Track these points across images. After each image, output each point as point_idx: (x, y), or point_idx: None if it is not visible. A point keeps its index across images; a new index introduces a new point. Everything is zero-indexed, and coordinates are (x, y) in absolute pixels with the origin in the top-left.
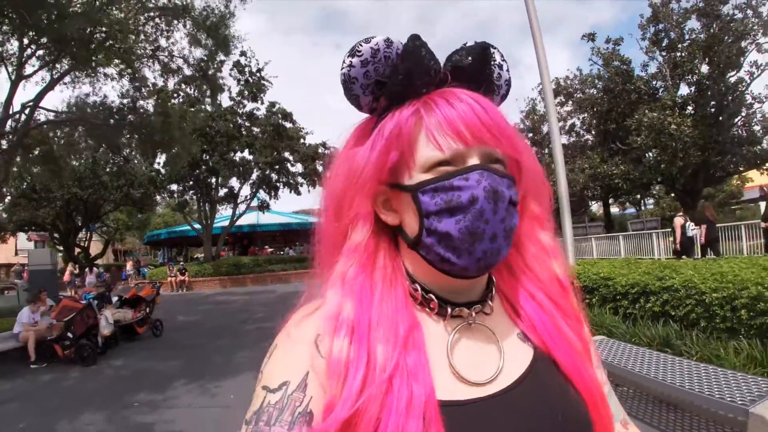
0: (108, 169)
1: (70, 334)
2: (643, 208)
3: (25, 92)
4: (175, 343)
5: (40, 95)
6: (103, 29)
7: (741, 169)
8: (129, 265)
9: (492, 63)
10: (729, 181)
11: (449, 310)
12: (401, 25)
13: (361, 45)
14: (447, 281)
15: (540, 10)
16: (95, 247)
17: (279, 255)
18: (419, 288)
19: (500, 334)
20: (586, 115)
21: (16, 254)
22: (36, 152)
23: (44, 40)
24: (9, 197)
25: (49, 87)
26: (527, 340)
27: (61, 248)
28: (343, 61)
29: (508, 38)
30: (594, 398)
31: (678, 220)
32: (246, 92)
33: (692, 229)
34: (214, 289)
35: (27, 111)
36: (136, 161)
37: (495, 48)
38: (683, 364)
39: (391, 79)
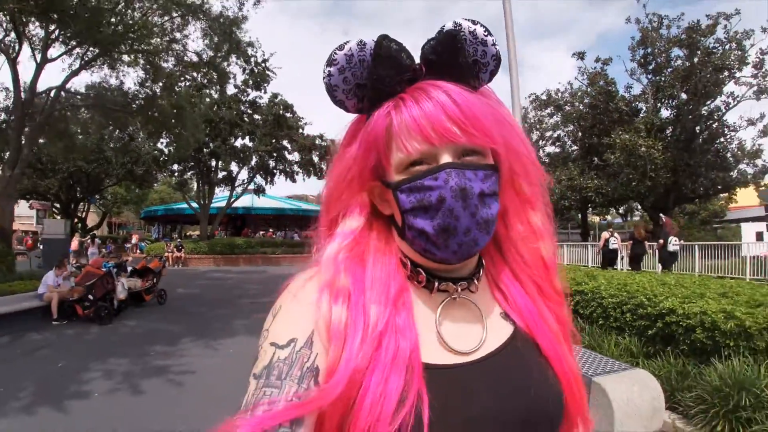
0: (113, 146)
1: (90, 296)
2: (629, 218)
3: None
4: (179, 309)
5: (66, 80)
6: (130, 30)
7: (710, 193)
8: (135, 238)
9: (468, 44)
10: (712, 200)
11: (436, 283)
12: (412, 16)
13: (335, 53)
14: (435, 263)
15: (550, 11)
16: (91, 219)
17: (271, 238)
18: (409, 263)
19: (484, 310)
20: (572, 127)
21: (14, 221)
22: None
23: (69, 31)
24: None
25: (74, 73)
26: (508, 318)
27: (59, 217)
28: (323, 71)
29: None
30: (569, 381)
31: (604, 234)
32: (251, 81)
33: (614, 244)
34: (208, 267)
35: (52, 93)
36: (139, 139)
37: (477, 23)
38: None
39: (368, 83)
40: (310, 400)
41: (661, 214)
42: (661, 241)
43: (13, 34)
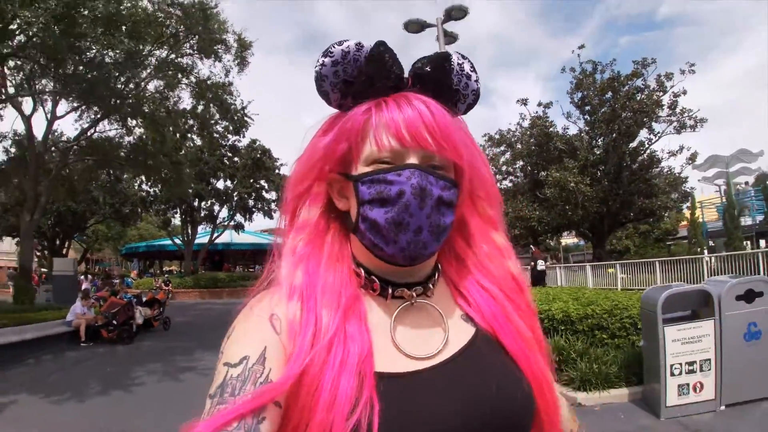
0: (101, 185)
1: (114, 322)
2: (585, 242)
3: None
4: (182, 332)
5: (77, 138)
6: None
7: (639, 218)
8: (133, 274)
9: (455, 73)
10: (661, 220)
11: (390, 290)
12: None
13: (333, 46)
14: (387, 266)
15: (518, 43)
16: (71, 255)
17: (251, 272)
18: (363, 271)
19: (444, 314)
20: (521, 163)
21: None
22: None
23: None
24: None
25: (84, 132)
26: (470, 321)
27: (40, 254)
28: (317, 60)
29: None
30: (540, 384)
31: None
32: (231, 127)
33: (541, 266)
34: (194, 300)
35: (59, 146)
36: (125, 181)
37: (465, 58)
38: None
39: (356, 80)
40: (262, 391)
41: (531, 246)
42: (532, 263)
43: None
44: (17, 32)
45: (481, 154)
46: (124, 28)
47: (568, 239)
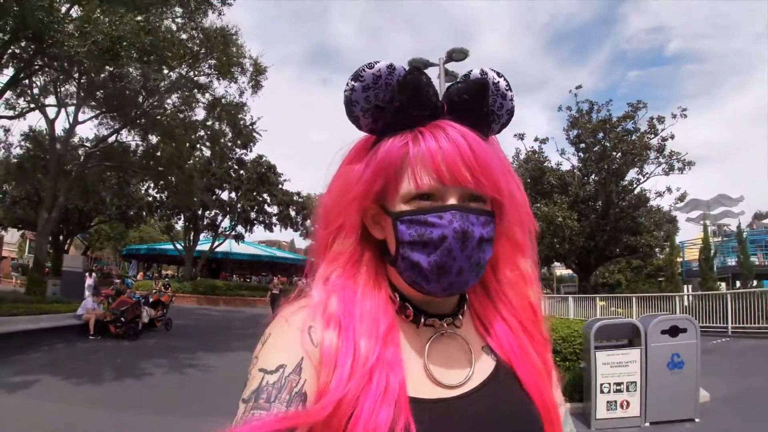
0: (108, 186)
1: (123, 319)
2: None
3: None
4: (184, 334)
5: (97, 143)
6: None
7: (625, 254)
8: (140, 276)
9: (491, 96)
10: (652, 256)
11: (423, 319)
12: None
13: (364, 70)
14: (423, 296)
15: (526, 72)
16: (72, 252)
17: (247, 282)
18: (398, 296)
19: (471, 344)
20: None
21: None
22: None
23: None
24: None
25: (103, 140)
26: (492, 353)
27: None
28: (347, 83)
29: None
30: (550, 416)
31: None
32: (239, 141)
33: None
34: (192, 305)
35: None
36: (132, 186)
37: (501, 76)
38: None
39: (388, 107)
40: (299, 414)
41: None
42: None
43: (52, 98)
44: (56, 52)
45: (516, 179)
46: (153, 56)
47: (563, 270)
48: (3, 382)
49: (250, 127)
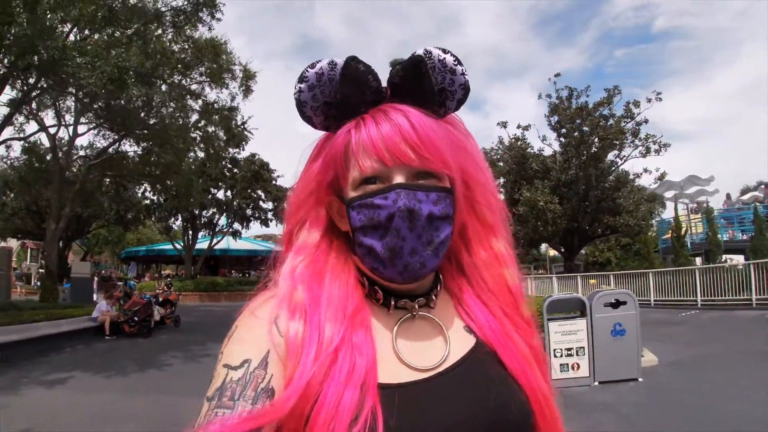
0: (106, 193)
1: (136, 318)
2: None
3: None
4: (192, 329)
5: (99, 155)
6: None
7: (607, 233)
8: (147, 277)
9: (437, 71)
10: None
11: (393, 301)
12: (378, 58)
13: (307, 71)
14: (385, 281)
15: (513, 55)
16: (71, 258)
17: (247, 277)
18: (366, 281)
19: (446, 325)
20: (502, 180)
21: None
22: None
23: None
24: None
25: (104, 150)
26: (471, 332)
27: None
28: (294, 87)
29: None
30: (538, 397)
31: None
32: (231, 141)
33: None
34: (195, 303)
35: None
36: (130, 191)
37: (447, 52)
38: None
39: (334, 102)
40: (264, 412)
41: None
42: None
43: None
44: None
45: (476, 156)
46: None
47: (555, 251)
48: (40, 380)
49: (242, 127)
